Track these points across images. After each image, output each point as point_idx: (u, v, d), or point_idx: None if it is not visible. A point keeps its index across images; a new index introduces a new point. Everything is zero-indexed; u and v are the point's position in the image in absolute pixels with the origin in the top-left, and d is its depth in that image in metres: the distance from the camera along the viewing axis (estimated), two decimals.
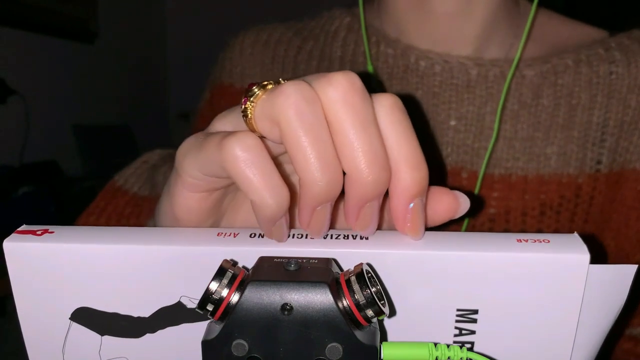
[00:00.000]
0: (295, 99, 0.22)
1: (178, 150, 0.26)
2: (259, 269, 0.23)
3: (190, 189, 0.26)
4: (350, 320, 0.22)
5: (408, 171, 0.24)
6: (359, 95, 0.23)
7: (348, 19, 0.50)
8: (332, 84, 0.23)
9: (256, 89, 0.24)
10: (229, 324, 0.22)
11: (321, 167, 0.22)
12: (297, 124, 0.22)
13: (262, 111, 0.23)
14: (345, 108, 0.22)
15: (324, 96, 0.23)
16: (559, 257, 0.22)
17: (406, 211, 0.24)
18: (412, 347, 0.23)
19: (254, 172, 0.22)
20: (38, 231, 0.24)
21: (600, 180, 0.43)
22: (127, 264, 0.24)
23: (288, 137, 0.22)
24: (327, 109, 0.23)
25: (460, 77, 0.44)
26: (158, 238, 0.24)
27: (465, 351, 0.23)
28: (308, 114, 0.22)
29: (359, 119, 0.23)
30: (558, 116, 0.43)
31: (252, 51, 0.51)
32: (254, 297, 0.22)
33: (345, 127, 0.22)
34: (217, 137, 0.23)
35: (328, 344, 0.21)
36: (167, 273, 0.24)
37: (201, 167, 0.24)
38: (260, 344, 0.22)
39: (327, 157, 0.22)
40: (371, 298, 0.22)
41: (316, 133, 0.22)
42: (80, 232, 0.24)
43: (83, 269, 0.24)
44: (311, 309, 0.21)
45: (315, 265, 0.23)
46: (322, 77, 0.23)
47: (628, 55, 0.44)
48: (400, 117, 0.24)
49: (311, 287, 0.22)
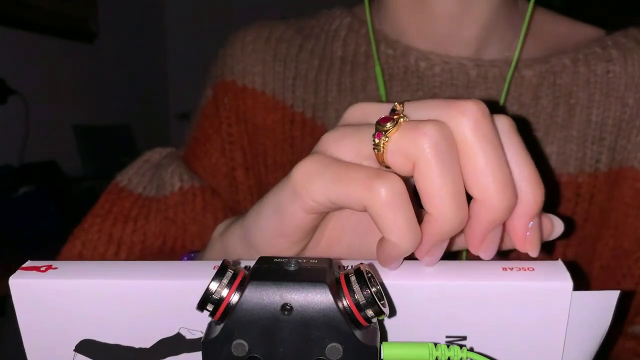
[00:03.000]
0: (436, 139, 0.23)
1: (297, 170, 0.26)
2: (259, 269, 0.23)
3: (309, 211, 0.26)
4: (350, 320, 0.22)
5: (530, 192, 0.25)
6: (489, 123, 0.24)
7: (348, 19, 0.50)
8: (465, 114, 0.23)
9: (389, 125, 0.25)
10: (229, 324, 0.22)
11: (455, 207, 0.23)
12: (436, 165, 0.23)
13: (397, 147, 0.24)
14: (479, 137, 0.23)
15: (457, 126, 0.24)
16: (543, 285, 0.23)
17: (526, 230, 0.25)
18: (412, 347, 0.23)
19: (399, 216, 0.23)
20: (42, 267, 0.25)
21: (599, 179, 0.44)
22: (127, 298, 0.25)
23: (425, 176, 0.23)
24: (460, 139, 0.24)
25: (460, 78, 0.44)
26: (156, 273, 0.25)
27: (465, 351, 0.23)
28: (446, 154, 0.23)
29: (491, 146, 0.23)
30: (557, 116, 0.44)
31: (254, 48, 0.51)
32: (254, 297, 0.22)
33: (478, 155, 0.23)
34: (362, 174, 0.24)
35: (328, 344, 0.21)
36: (166, 306, 0.25)
37: (332, 197, 0.25)
38: (260, 344, 0.22)
39: (459, 196, 0.23)
40: (371, 298, 0.22)
41: (452, 173, 0.23)
42: (82, 267, 0.25)
43: (86, 303, 0.25)
44: (311, 309, 0.21)
45: (315, 265, 0.23)
46: (451, 107, 0.24)
47: (625, 53, 0.44)
48: (517, 138, 0.25)
49: (311, 287, 0.22)
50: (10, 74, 1.67)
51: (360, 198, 0.24)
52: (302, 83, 0.49)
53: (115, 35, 2.24)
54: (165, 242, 0.50)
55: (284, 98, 0.50)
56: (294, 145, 0.49)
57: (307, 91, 0.49)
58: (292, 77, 0.49)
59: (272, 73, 0.50)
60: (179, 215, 0.50)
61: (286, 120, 0.49)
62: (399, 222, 0.23)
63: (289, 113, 0.49)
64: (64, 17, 1.94)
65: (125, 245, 0.50)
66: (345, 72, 0.48)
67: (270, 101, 0.50)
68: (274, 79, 0.50)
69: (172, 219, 0.50)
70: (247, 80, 0.51)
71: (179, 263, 0.26)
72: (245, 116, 0.51)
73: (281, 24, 0.52)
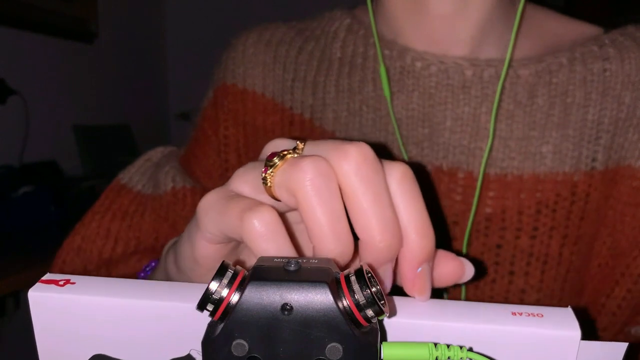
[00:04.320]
0: (311, 174, 0.24)
1: (200, 204, 0.28)
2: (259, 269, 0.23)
3: (209, 241, 0.28)
4: (350, 320, 0.22)
5: (417, 239, 0.25)
6: (371, 167, 0.25)
7: (348, 20, 0.50)
8: (346, 158, 0.25)
9: (276, 160, 0.26)
10: (229, 324, 0.22)
11: (334, 238, 0.24)
12: (312, 198, 0.24)
13: (281, 181, 0.25)
14: (358, 180, 0.24)
15: (338, 169, 0.25)
16: (551, 333, 0.23)
17: (414, 275, 0.26)
18: (412, 347, 0.23)
19: (271, 247, 0.25)
20: (60, 281, 0.26)
21: (596, 178, 0.44)
22: (142, 317, 0.25)
23: (304, 209, 0.24)
24: (342, 181, 0.25)
25: (455, 78, 0.44)
26: (172, 294, 0.25)
27: (465, 351, 0.23)
28: (323, 188, 0.24)
29: (371, 189, 0.24)
30: (553, 115, 0.44)
31: (255, 51, 0.51)
32: (254, 297, 0.22)
33: (358, 197, 0.24)
34: (239, 207, 0.25)
35: (328, 344, 0.21)
36: (178, 327, 0.25)
37: (221, 229, 0.26)
38: (260, 344, 0.22)
39: (340, 229, 0.24)
40: (371, 298, 0.22)
41: (330, 206, 0.24)
42: (100, 283, 0.26)
43: (101, 319, 0.25)
44: (311, 309, 0.21)
45: (315, 265, 0.23)
46: (337, 149, 0.25)
47: (622, 51, 0.44)
48: (410, 186, 0.26)
49: (311, 287, 0.22)
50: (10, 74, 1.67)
51: (238, 230, 0.25)
52: (300, 85, 0.49)
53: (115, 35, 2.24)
54: (157, 239, 0.51)
55: (283, 100, 0.50)
56: None
57: (305, 93, 0.49)
58: (291, 79, 0.50)
59: (272, 75, 0.50)
60: (170, 214, 0.51)
61: (285, 121, 0.50)
62: (271, 252, 0.25)
63: (288, 115, 0.50)
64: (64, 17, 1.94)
65: (122, 240, 0.51)
66: (343, 74, 0.48)
67: (270, 103, 0.50)
68: (274, 81, 0.50)
69: (164, 217, 0.51)
70: (247, 83, 0.51)
71: (194, 285, 0.26)
72: (245, 119, 0.51)
73: (283, 26, 0.52)
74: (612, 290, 0.44)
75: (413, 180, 0.26)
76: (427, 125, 0.45)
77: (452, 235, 0.44)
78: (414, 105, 0.45)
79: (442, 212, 0.45)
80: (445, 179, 0.44)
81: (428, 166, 0.44)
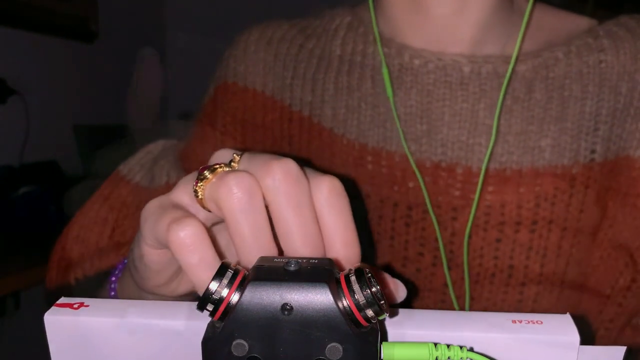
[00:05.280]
0: (235, 189, 0.26)
1: (142, 211, 0.29)
2: (259, 269, 0.23)
3: (150, 247, 0.29)
4: (350, 320, 0.22)
5: (341, 250, 0.27)
6: (294, 183, 0.26)
7: (349, 18, 0.50)
8: (270, 173, 0.26)
9: (207, 173, 0.28)
10: (229, 324, 0.22)
11: (257, 251, 0.26)
12: (235, 212, 0.26)
13: (209, 195, 0.27)
14: (281, 195, 0.26)
15: (262, 184, 0.26)
16: (550, 339, 0.24)
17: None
18: (412, 347, 0.23)
19: (194, 257, 0.26)
20: (75, 304, 0.27)
21: (594, 170, 0.44)
22: (154, 336, 0.26)
23: (228, 222, 0.26)
24: (266, 195, 0.26)
25: (453, 75, 0.44)
26: (184, 314, 0.26)
27: (465, 351, 0.23)
28: (245, 203, 0.26)
29: (293, 204, 0.26)
30: (551, 109, 0.44)
31: (256, 49, 0.52)
32: (254, 297, 0.22)
33: (281, 211, 0.26)
34: (169, 218, 0.27)
35: (328, 344, 0.21)
36: (191, 345, 0.26)
37: (155, 238, 0.28)
38: (260, 344, 0.22)
39: (262, 242, 0.26)
40: (371, 298, 0.22)
41: (252, 220, 0.26)
42: (113, 305, 0.27)
43: (114, 339, 0.26)
44: (311, 309, 0.21)
45: (315, 265, 0.23)
46: (263, 165, 0.27)
47: (616, 42, 0.44)
48: (336, 199, 0.27)
49: (311, 287, 0.22)
50: (10, 74, 1.67)
51: (166, 241, 0.26)
52: (300, 82, 0.49)
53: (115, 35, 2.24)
54: None
55: (282, 97, 0.50)
56: (292, 143, 0.50)
57: (304, 90, 0.49)
58: (291, 76, 0.50)
59: (272, 73, 0.51)
60: None
61: (284, 119, 0.50)
62: (194, 263, 0.26)
63: (287, 112, 0.50)
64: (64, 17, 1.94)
65: (118, 230, 0.52)
66: (342, 71, 0.48)
67: (270, 101, 0.50)
68: (274, 78, 0.50)
69: None
70: (248, 81, 0.51)
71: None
72: (244, 117, 0.51)
73: (285, 24, 0.53)
74: (617, 282, 0.44)
75: (340, 193, 0.27)
76: (425, 122, 0.45)
77: (451, 231, 0.44)
78: (412, 102, 0.45)
79: (440, 208, 0.45)
80: (444, 175, 0.44)
81: (427, 162, 0.45)
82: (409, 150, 0.45)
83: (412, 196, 0.45)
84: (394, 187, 0.45)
